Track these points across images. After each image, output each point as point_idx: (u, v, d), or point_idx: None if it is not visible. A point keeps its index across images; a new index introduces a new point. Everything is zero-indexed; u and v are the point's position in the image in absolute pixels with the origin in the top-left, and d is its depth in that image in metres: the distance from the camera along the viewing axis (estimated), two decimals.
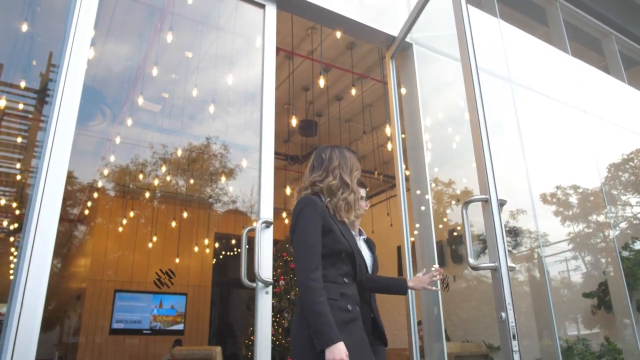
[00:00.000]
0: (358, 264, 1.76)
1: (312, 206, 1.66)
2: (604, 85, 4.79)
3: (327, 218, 1.68)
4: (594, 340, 3.94)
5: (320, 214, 1.65)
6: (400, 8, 3.12)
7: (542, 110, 3.93)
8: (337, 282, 1.63)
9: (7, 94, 3.96)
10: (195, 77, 4.56)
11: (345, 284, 1.66)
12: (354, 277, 1.73)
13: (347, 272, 1.69)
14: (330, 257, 1.65)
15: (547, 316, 3.50)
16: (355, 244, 1.79)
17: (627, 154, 4.79)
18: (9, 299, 1.55)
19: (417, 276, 2.14)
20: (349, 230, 1.79)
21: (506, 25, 3.94)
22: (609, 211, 4.67)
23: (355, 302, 1.66)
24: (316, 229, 1.62)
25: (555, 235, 4.34)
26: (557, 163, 4.09)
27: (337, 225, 1.70)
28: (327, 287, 1.57)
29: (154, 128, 5.51)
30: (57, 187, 1.69)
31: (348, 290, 1.65)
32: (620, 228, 4.90)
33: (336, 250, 1.66)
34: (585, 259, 4.53)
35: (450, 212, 4.88)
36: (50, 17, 3.11)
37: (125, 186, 6.55)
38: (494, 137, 2.01)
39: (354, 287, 1.71)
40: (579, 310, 4.23)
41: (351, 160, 1.84)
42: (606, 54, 5.07)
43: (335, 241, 1.65)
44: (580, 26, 4.79)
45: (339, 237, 1.67)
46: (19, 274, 1.54)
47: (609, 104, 4.62)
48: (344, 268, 1.68)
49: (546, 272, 3.73)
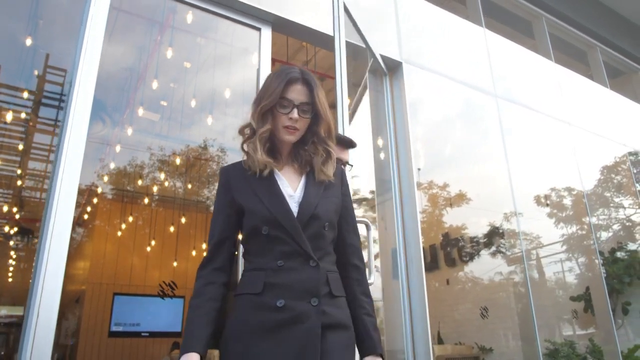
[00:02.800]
0: (300, 235, 1.23)
1: (219, 181, 1.35)
2: (588, 92, 4.96)
3: (237, 186, 1.30)
4: (583, 341, 4.07)
5: (224, 187, 1.33)
6: (389, 27, 3.27)
7: (526, 120, 4.08)
8: (265, 268, 1.22)
9: (4, 95, 4.01)
10: (194, 86, 4.71)
11: (277, 269, 1.21)
12: (297, 253, 1.22)
13: (281, 250, 1.22)
14: (253, 238, 1.27)
15: (529, 320, 3.63)
16: (285, 205, 1.25)
17: (609, 163, 4.96)
18: (27, 301, 1.66)
19: None
20: (274, 186, 1.28)
21: (492, 34, 4.10)
22: (598, 214, 4.83)
23: (294, 294, 1.18)
24: (220, 211, 1.32)
25: (543, 239, 4.49)
26: (540, 171, 4.23)
27: (253, 187, 1.28)
28: (248, 277, 1.25)
29: (153, 135, 5.65)
30: (71, 192, 1.83)
31: (280, 277, 1.20)
32: (609, 232, 5.06)
33: (252, 227, 1.25)
34: (568, 263, 4.68)
35: (446, 215, 5.00)
36: (51, 18, 3.16)
37: (124, 190, 6.67)
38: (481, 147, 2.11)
39: (296, 270, 1.21)
40: (568, 312, 4.36)
41: (265, 87, 1.33)
42: (591, 65, 5.25)
43: (249, 215, 1.26)
44: (566, 39, 4.97)
45: (252, 206, 1.26)
46: (37, 276, 1.66)
47: (592, 113, 4.78)
48: (276, 246, 1.23)
49: (528, 277, 3.87)
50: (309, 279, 1.22)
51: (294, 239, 1.24)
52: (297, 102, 1.30)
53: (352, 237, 1.39)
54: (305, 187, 1.33)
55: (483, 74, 3.80)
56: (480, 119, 3.83)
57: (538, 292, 4.18)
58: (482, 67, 3.85)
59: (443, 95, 3.54)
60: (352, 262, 1.37)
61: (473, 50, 3.90)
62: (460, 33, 3.89)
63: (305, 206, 1.29)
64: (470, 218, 4.71)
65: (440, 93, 3.50)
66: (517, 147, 3.86)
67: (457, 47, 3.78)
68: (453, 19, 3.92)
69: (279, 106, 1.29)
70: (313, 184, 1.34)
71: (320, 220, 1.30)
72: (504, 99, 3.83)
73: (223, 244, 1.30)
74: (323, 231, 1.30)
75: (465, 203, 4.45)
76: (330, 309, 1.23)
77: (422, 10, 3.68)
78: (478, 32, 4.02)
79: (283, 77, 1.30)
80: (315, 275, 1.23)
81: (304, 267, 1.23)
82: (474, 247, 4.75)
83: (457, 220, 5.04)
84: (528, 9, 4.53)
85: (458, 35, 3.86)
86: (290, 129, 1.30)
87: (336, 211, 1.35)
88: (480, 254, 4.61)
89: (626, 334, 4.47)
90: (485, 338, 4.21)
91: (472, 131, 3.91)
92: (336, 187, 1.38)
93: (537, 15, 4.59)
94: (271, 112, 1.30)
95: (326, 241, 1.31)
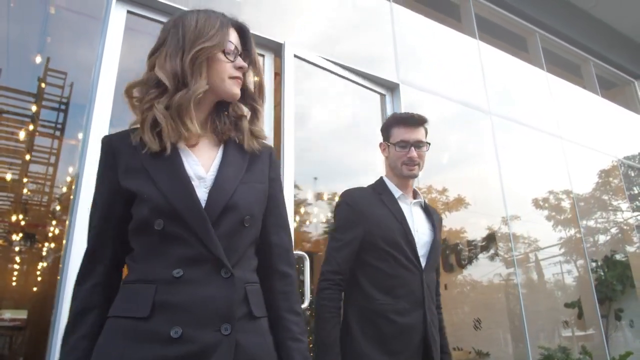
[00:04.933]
0: (208, 233, 0.88)
1: (100, 156, 0.98)
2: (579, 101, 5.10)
3: (125, 164, 0.94)
4: (580, 345, 4.17)
5: (106, 164, 0.96)
6: (387, 50, 3.41)
7: (518, 134, 4.22)
8: (155, 280, 0.86)
9: (5, 97, 4.01)
10: None
11: (173, 282, 0.85)
12: (204, 259, 0.88)
13: (180, 255, 0.87)
14: (141, 235, 0.91)
15: (520, 326, 3.74)
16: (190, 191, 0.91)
17: (598, 173, 5.09)
18: (54, 305, 1.77)
19: None
20: (176, 166, 0.93)
21: (485, 50, 4.25)
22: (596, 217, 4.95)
23: (197, 319, 0.83)
24: (100, 199, 0.96)
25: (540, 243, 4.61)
26: (533, 180, 4.37)
27: (147, 166, 0.92)
28: (129, 292, 0.88)
29: None
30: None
31: (177, 293, 0.84)
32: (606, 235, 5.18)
33: (141, 221, 0.89)
34: (567, 266, 4.78)
35: (444, 219, 5.10)
36: (49, 20, 3.21)
37: None
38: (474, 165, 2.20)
39: (200, 284, 0.86)
40: (563, 318, 4.46)
41: (196, 27, 0.97)
42: (584, 77, 5.39)
43: (137, 204, 0.90)
44: (559, 53, 5.12)
45: (142, 191, 0.89)
46: (63, 280, 1.76)
47: (583, 125, 4.92)
48: (173, 249, 0.87)
49: (519, 281, 3.98)
50: (219, 296, 0.86)
51: (199, 238, 0.87)
52: (239, 48, 1.02)
53: (280, 236, 1.05)
54: (220, 166, 0.97)
55: (477, 90, 3.95)
56: (475, 134, 3.98)
57: (534, 297, 4.31)
58: (477, 83, 4.00)
59: (439, 112, 3.68)
60: (278, 268, 1.02)
61: (468, 66, 4.05)
62: (455, 49, 4.04)
63: (217, 193, 0.92)
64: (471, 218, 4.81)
65: (437, 110, 3.63)
66: (510, 160, 4.00)
67: (452, 64, 3.94)
68: (448, 36, 4.08)
69: (223, 53, 0.98)
70: (232, 162, 0.98)
71: (238, 213, 0.94)
72: (498, 115, 3.98)
73: (105, 246, 0.93)
74: (241, 228, 0.94)
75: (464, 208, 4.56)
76: (248, 339, 0.88)
77: (418, 29, 3.83)
78: (472, 48, 4.17)
79: (221, 18, 1.00)
80: (229, 291, 0.87)
81: (213, 278, 0.87)
82: (471, 250, 4.85)
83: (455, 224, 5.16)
84: (522, 26, 4.68)
85: (453, 52, 4.01)
86: (239, 80, 1.01)
87: (260, 200, 1.00)
88: (478, 258, 4.71)
89: (619, 340, 4.57)
90: (482, 342, 4.30)
91: (467, 146, 4.05)
92: (262, 169, 1.03)
93: (531, 31, 4.74)
94: (206, 61, 0.96)
95: (245, 241, 0.95)
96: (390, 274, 1.59)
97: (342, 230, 1.64)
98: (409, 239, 1.62)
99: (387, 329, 1.54)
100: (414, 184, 1.79)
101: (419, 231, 1.68)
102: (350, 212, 1.66)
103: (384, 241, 1.60)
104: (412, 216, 1.70)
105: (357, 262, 1.62)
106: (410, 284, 1.59)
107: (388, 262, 1.59)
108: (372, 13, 3.56)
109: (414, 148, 1.68)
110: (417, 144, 1.69)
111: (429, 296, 1.62)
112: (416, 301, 1.58)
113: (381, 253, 1.60)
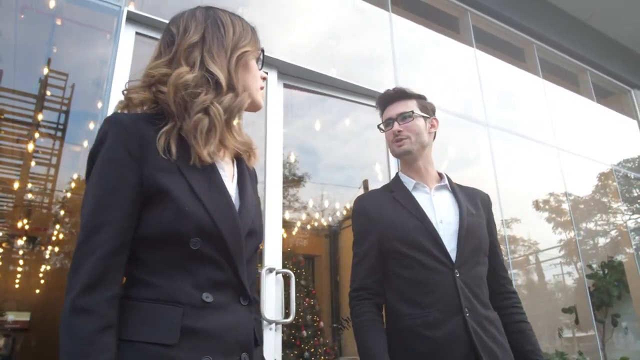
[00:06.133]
0: (241, 258, 0.85)
1: (115, 134, 0.81)
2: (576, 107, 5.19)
3: (156, 160, 0.82)
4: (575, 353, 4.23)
5: (129, 151, 0.80)
6: (386, 66, 3.49)
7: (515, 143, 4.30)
8: (183, 302, 0.78)
9: (7, 99, 4.04)
10: None
11: (202, 307, 0.79)
12: (229, 285, 0.84)
13: (210, 278, 0.81)
14: (166, 248, 0.81)
15: None
16: (234, 213, 0.85)
17: (595, 182, 5.17)
18: None
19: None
20: (218, 182, 0.86)
21: (482, 60, 4.33)
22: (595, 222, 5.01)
23: (224, 349, 0.79)
24: (119, 191, 0.79)
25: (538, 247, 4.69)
26: (529, 188, 4.45)
27: (186, 174, 0.83)
28: (151, 313, 0.77)
29: None
30: None
31: (206, 320, 0.79)
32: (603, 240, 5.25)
33: (173, 233, 0.80)
34: (567, 267, 4.85)
35: None
36: (45, 12, 3.26)
37: None
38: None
39: (225, 310, 0.82)
40: (561, 323, 4.52)
41: (235, 29, 0.93)
42: (581, 86, 5.46)
43: (171, 213, 0.80)
44: (556, 63, 5.19)
45: (183, 202, 0.80)
46: None
47: (580, 132, 5.00)
48: (204, 270, 0.81)
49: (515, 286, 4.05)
50: (241, 324, 0.83)
51: (232, 262, 0.82)
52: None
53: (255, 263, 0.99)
54: (239, 186, 0.91)
55: (475, 103, 4.04)
56: (473, 144, 4.06)
57: (533, 302, 4.39)
58: (475, 94, 4.08)
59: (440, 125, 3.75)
60: (253, 295, 0.95)
61: (465, 76, 4.14)
62: (453, 61, 4.13)
63: (245, 216, 0.87)
64: None
65: None
66: (507, 168, 4.08)
67: (450, 74, 4.03)
68: (445, 48, 4.18)
69: (256, 60, 0.95)
70: (246, 182, 0.92)
71: (256, 239, 0.91)
72: (495, 127, 4.07)
73: (125, 249, 0.79)
74: (254, 254, 0.92)
75: None
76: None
77: (415, 43, 3.93)
78: (470, 59, 4.25)
79: (248, 26, 0.96)
80: (248, 318, 0.85)
81: (235, 305, 0.83)
82: None
83: None
84: (520, 37, 4.76)
85: (450, 64, 4.10)
86: (261, 90, 0.98)
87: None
88: None
89: (615, 345, 4.62)
90: None
91: (464, 155, 4.13)
92: (254, 188, 0.97)
93: (528, 42, 4.82)
94: (243, 66, 0.91)
95: (254, 268, 0.93)
96: (415, 280, 1.35)
97: (358, 242, 1.48)
98: (431, 233, 1.37)
99: (420, 348, 1.29)
100: (429, 166, 1.54)
101: (444, 221, 1.43)
102: (361, 220, 1.50)
103: (402, 243, 1.38)
104: (433, 205, 1.45)
105: (385, 276, 1.42)
106: (440, 288, 1.33)
107: (412, 267, 1.36)
108: (372, 27, 3.66)
109: (397, 122, 1.50)
110: (399, 117, 1.51)
111: (470, 297, 1.32)
112: (450, 307, 1.30)
113: (403, 258, 1.38)
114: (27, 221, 6.00)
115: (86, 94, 4.05)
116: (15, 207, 5.84)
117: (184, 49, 0.87)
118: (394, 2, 3.81)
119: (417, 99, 1.58)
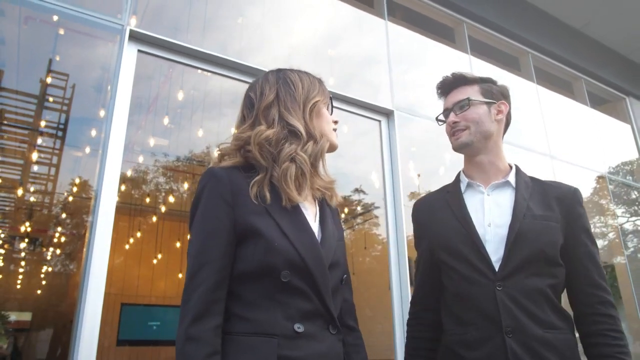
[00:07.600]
0: (327, 288, 0.91)
1: (211, 186, 0.93)
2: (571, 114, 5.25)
3: (246, 203, 0.92)
4: None
5: (223, 199, 0.91)
6: (382, 79, 3.56)
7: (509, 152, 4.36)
8: (277, 334, 0.84)
9: (7, 99, 4.07)
10: (201, 116, 4.99)
11: (295, 337, 0.85)
12: (318, 315, 0.89)
13: (300, 309, 0.87)
14: (259, 282, 0.88)
15: None
16: (317, 246, 0.93)
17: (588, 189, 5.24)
18: (76, 309, 1.87)
19: None
20: (302, 220, 0.95)
21: (477, 61, 4.39)
22: None
23: None
24: (218, 233, 0.90)
25: None
26: None
27: (274, 215, 0.92)
28: (250, 345, 0.83)
29: (160, 154, 5.94)
30: (110, 204, 2.05)
31: (299, 349, 0.84)
32: None
33: (265, 267, 0.88)
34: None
35: None
36: (49, 22, 3.37)
37: (131, 204, 6.94)
38: None
39: (316, 340, 0.87)
40: None
41: (303, 83, 1.04)
42: (575, 94, 5.52)
43: (262, 249, 0.88)
44: (551, 72, 5.25)
45: (272, 238, 0.89)
46: (83, 295, 1.87)
47: (574, 140, 5.07)
48: (294, 302, 0.87)
49: None
50: (332, 352, 0.88)
51: (320, 293, 0.88)
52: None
53: (349, 293, 1.07)
54: (321, 222, 1.00)
55: None
56: None
57: None
58: None
59: (435, 135, 3.83)
60: (347, 322, 1.04)
61: None
62: (448, 68, 4.19)
63: (327, 249, 0.95)
64: None
65: (432, 133, 3.79)
66: None
67: None
68: (441, 58, 4.24)
69: (327, 106, 1.08)
70: (327, 218, 1.01)
71: (340, 270, 0.97)
72: None
73: (225, 284, 0.88)
74: (339, 285, 0.97)
75: None
76: None
77: (411, 53, 4.00)
78: (465, 67, 4.32)
79: (315, 78, 1.10)
80: (337, 347, 0.91)
81: (325, 334, 0.88)
82: None
83: None
84: (515, 47, 4.82)
85: (446, 71, 4.16)
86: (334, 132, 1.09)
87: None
88: None
89: None
90: None
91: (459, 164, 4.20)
92: (335, 223, 1.05)
93: (523, 51, 4.88)
94: (316, 114, 1.03)
95: (340, 299, 0.98)
96: (457, 293, 1.22)
97: (417, 253, 1.36)
98: (473, 240, 1.19)
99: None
100: (497, 159, 1.33)
101: (494, 224, 1.22)
102: (414, 227, 1.39)
103: (445, 252, 1.24)
104: (484, 207, 1.25)
105: (440, 288, 1.30)
106: (478, 304, 1.16)
107: (453, 279, 1.22)
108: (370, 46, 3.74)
109: (453, 112, 1.35)
110: (455, 106, 1.35)
111: (518, 314, 1.11)
112: (489, 325, 1.13)
113: (447, 269, 1.24)
114: (28, 223, 6.05)
115: (87, 94, 4.09)
116: (17, 209, 5.87)
117: (262, 109, 1.01)
118: (390, 12, 3.88)
119: (479, 84, 1.40)
